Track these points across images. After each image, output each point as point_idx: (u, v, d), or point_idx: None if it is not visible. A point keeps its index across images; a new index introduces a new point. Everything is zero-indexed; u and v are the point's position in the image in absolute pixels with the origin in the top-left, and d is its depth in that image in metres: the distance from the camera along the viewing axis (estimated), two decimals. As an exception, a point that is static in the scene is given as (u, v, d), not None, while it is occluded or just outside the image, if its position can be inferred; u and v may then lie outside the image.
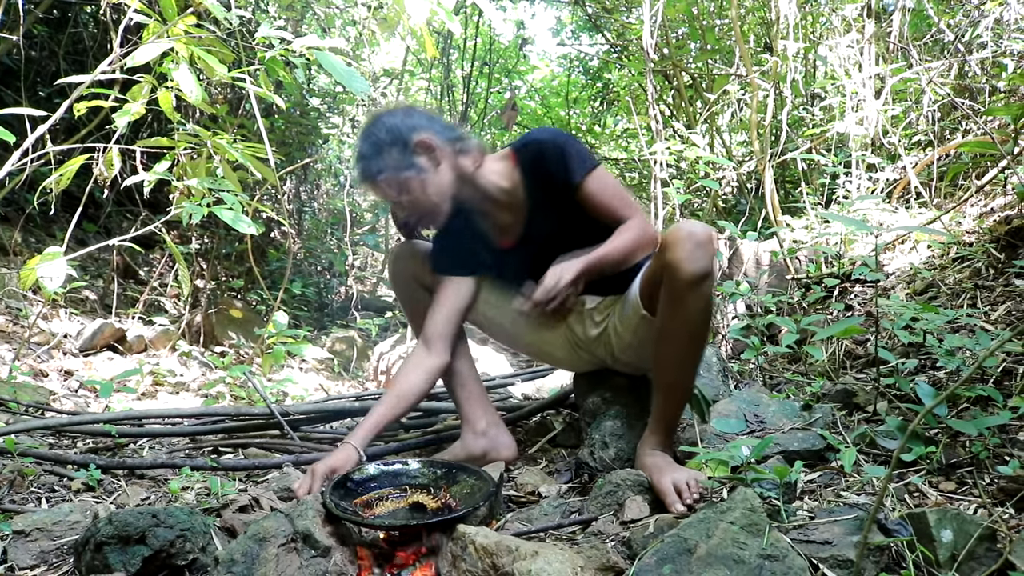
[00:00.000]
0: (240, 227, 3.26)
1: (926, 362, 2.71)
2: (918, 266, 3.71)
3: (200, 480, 2.44)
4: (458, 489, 1.96)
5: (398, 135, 2.22)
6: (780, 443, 2.06)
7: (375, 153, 2.22)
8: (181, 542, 1.66)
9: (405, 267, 2.57)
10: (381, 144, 2.22)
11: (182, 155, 3.95)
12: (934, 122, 4.86)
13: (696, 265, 1.90)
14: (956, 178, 4.50)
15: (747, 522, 1.55)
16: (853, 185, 4.74)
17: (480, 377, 2.59)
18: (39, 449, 2.59)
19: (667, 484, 1.90)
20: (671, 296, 1.98)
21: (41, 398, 3.59)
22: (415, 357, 2.39)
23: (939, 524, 1.48)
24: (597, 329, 2.38)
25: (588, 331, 2.40)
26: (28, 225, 6.22)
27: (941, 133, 4.82)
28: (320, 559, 1.59)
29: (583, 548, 1.73)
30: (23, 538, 1.87)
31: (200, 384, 4.72)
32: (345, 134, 9.02)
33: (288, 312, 5.71)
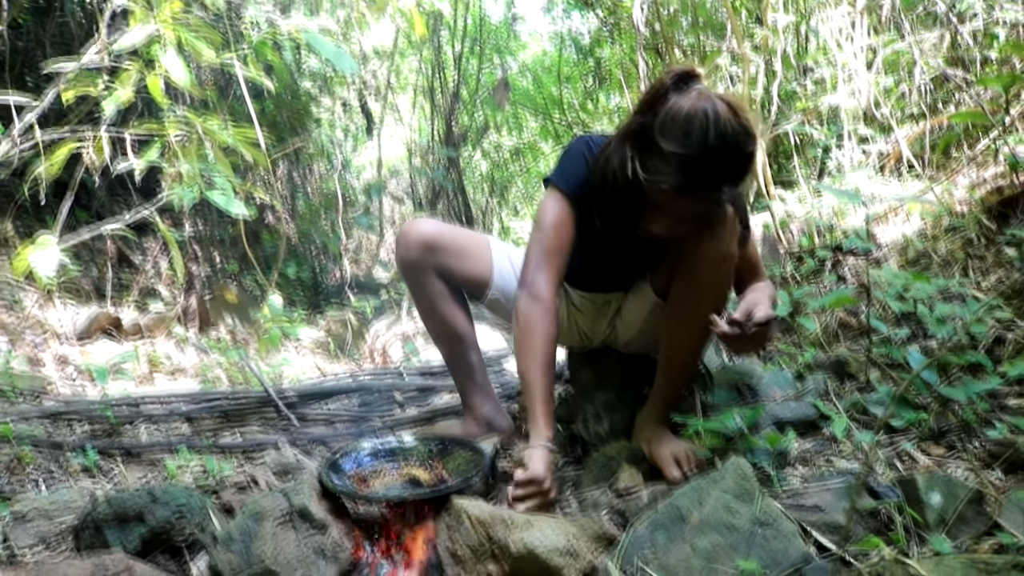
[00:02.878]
0: (232, 210, 3.26)
1: (918, 331, 2.71)
2: (910, 237, 3.71)
3: (197, 461, 2.45)
4: (452, 463, 1.98)
5: (755, 145, 1.80)
6: (773, 412, 2.07)
7: (738, 152, 1.75)
8: (179, 521, 1.68)
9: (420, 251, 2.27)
10: (745, 146, 1.75)
11: (172, 140, 3.94)
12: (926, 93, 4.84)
13: (719, 248, 1.90)
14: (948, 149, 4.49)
15: (739, 490, 1.57)
16: (845, 157, 4.74)
17: (485, 363, 2.57)
18: (36, 435, 2.60)
19: (666, 455, 1.92)
20: (690, 279, 1.97)
21: (37, 385, 3.59)
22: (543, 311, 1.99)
23: (928, 488, 1.49)
24: (604, 320, 2.39)
25: (594, 324, 2.40)
26: (19, 214, 6.19)
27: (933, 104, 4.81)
28: (317, 534, 1.60)
29: (577, 518, 1.74)
30: (22, 520, 1.88)
31: (196, 368, 4.72)
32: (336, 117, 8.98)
33: (283, 295, 5.71)
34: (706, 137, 1.68)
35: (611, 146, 1.91)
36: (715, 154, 1.70)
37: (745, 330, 1.79)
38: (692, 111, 1.70)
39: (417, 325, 5.44)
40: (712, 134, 1.67)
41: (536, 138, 12.04)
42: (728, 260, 1.92)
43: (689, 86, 1.76)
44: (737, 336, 1.80)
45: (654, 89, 1.80)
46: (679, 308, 2.03)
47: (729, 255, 1.91)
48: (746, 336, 1.81)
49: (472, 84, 10.11)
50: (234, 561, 1.52)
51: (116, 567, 1.27)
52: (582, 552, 1.49)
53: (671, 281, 2.06)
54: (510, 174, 12.63)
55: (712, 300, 1.96)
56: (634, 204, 1.89)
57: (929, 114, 4.59)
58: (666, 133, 1.73)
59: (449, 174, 9.45)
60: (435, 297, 2.32)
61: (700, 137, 1.68)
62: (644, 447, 2.01)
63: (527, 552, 1.41)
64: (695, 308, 1.96)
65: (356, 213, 8.51)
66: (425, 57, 9.77)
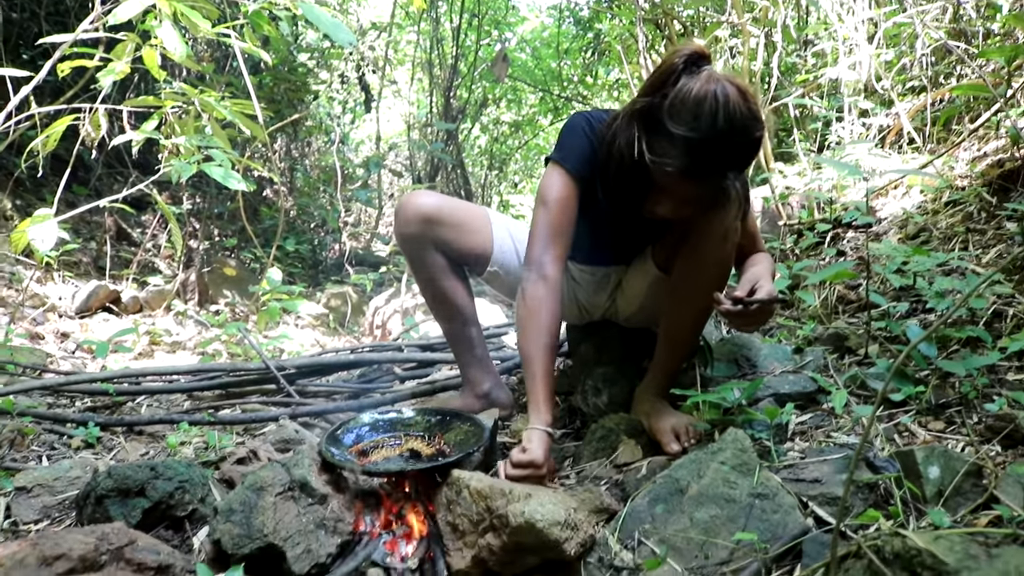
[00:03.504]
0: (230, 184, 3.24)
1: (917, 306, 2.71)
2: (910, 211, 3.70)
3: (198, 435, 2.46)
4: (452, 435, 1.98)
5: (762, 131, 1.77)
6: (771, 386, 2.07)
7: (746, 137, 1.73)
8: (180, 494, 1.69)
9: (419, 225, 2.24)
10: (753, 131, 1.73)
11: (170, 114, 3.92)
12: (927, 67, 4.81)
13: (722, 222, 1.89)
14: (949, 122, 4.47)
15: (738, 462, 1.57)
16: (846, 131, 4.72)
17: (484, 337, 2.57)
18: (38, 409, 2.61)
19: (665, 428, 1.92)
20: (694, 255, 1.97)
21: (38, 360, 3.61)
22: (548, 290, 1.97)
23: (926, 461, 1.50)
24: (604, 294, 2.39)
25: (594, 297, 2.40)
26: (17, 189, 6.18)
27: (935, 78, 4.78)
28: (317, 506, 1.61)
29: (577, 491, 1.75)
30: (25, 494, 1.90)
31: (196, 343, 4.73)
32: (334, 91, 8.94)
33: (282, 269, 5.71)
34: (715, 121, 1.66)
35: (618, 124, 1.90)
36: (723, 138, 1.68)
37: (747, 307, 1.80)
38: (702, 94, 1.68)
39: (416, 299, 5.44)
40: (721, 118, 1.66)
41: (535, 112, 11.99)
42: (731, 235, 1.92)
43: (700, 68, 1.74)
44: (739, 312, 1.81)
45: (664, 69, 1.77)
46: (682, 283, 2.03)
47: (733, 230, 1.91)
48: (748, 312, 1.82)
49: (471, 58, 10.06)
50: (235, 532, 1.53)
51: (119, 538, 1.28)
52: (581, 524, 1.49)
53: (673, 255, 2.05)
54: (509, 148, 12.59)
55: (715, 275, 1.96)
56: (639, 184, 1.88)
57: (930, 87, 4.56)
58: (675, 115, 1.71)
59: (448, 148, 9.42)
60: (435, 271, 2.30)
61: (709, 120, 1.67)
62: (643, 420, 2.02)
63: (526, 524, 1.42)
64: (698, 283, 1.96)
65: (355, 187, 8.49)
66: (423, 30, 9.71)
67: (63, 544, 1.19)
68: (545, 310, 1.95)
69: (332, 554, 1.57)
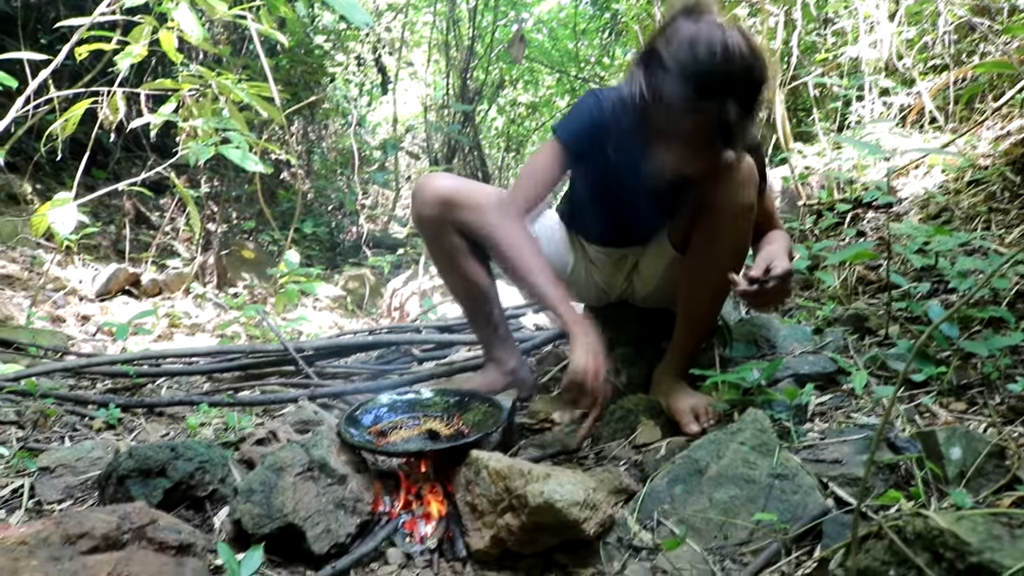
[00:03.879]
0: (248, 165, 3.25)
1: (939, 286, 2.69)
2: (932, 191, 3.66)
3: (218, 416, 2.48)
4: (471, 416, 1.98)
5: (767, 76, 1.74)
6: (791, 366, 2.06)
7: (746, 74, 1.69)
8: (200, 474, 1.70)
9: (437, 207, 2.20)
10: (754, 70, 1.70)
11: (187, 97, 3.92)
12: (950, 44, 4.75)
13: (738, 199, 1.87)
14: (972, 101, 4.41)
15: (757, 442, 1.57)
16: (866, 110, 4.67)
17: (506, 317, 2.56)
18: (60, 390, 2.63)
19: (684, 408, 1.92)
20: (709, 233, 1.95)
21: (59, 343, 3.64)
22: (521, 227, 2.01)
23: (948, 442, 1.48)
24: (621, 275, 2.38)
25: (612, 279, 2.39)
26: (37, 174, 6.22)
27: (957, 56, 4.71)
28: (336, 486, 1.61)
29: (596, 471, 1.75)
30: (48, 474, 1.92)
31: (215, 325, 4.76)
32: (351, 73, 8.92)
33: (300, 252, 5.73)
34: (712, 51, 1.63)
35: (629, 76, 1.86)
36: (721, 68, 1.65)
37: (764, 286, 1.78)
38: (701, 30, 1.67)
39: (434, 281, 5.44)
40: (719, 49, 1.63)
41: (552, 94, 11.93)
42: (747, 212, 1.90)
43: (701, 15, 1.72)
44: (756, 292, 1.79)
45: (667, 19, 1.77)
46: (698, 262, 2.02)
47: (748, 207, 1.89)
48: (766, 291, 1.79)
49: (487, 39, 10.01)
50: (255, 512, 1.54)
51: (140, 518, 1.29)
52: (600, 505, 1.49)
53: (689, 234, 2.04)
54: (526, 130, 12.54)
55: (731, 253, 1.95)
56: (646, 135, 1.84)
57: (953, 65, 4.50)
58: (672, 47, 1.68)
59: (465, 130, 9.40)
60: (454, 253, 2.27)
61: (707, 50, 1.64)
62: (662, 400, 2.01)
63: (545, 504, 1.42)
64: (714, 262, 1.94)
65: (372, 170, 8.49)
66: (439, 11, 9.66)
67: (86, 523, 1.20)
68: (527, 243, 1.99)
69: (351, 534, 1.58)
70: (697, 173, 1.85)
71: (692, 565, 1.36)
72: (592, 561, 1.49)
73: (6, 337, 3.39)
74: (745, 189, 1.88)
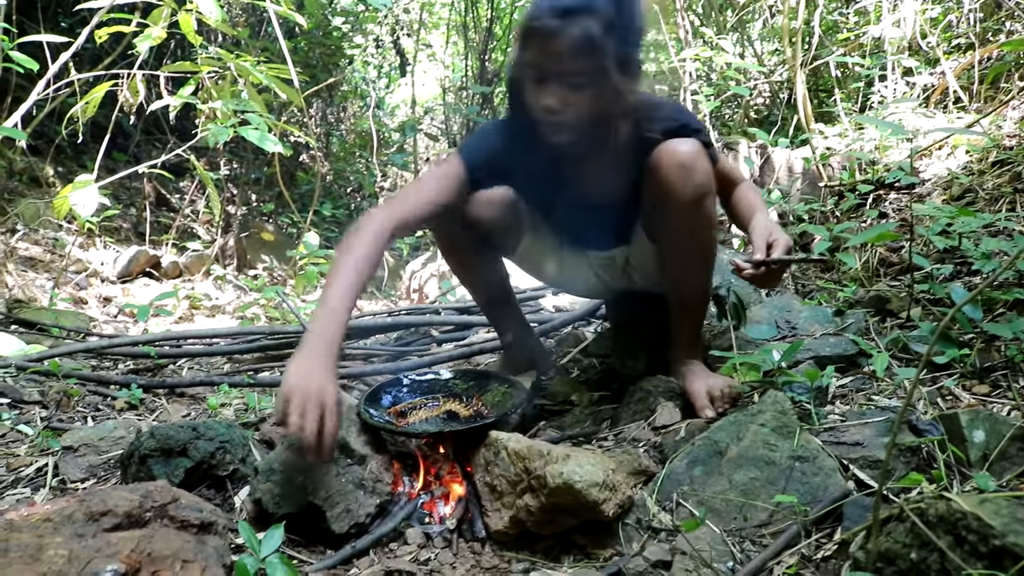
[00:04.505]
0: (266, 146, 3.25)
1: (962, 268, 2.66)
2: (955, 171, 3.62)
3: (238, 396, 2.49)
4: (490, 397, 1.98)
5: (638, 6, 1.72)
6: (811, 348, 2.05)
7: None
8: (221, 453, 1.71)
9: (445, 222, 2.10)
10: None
11: (206, 79, 3.93)
12: (975, 23, 4.68)
13: (687, 188, 1.80)
14: (997, 80, 4.35)
15: (777, 424, 1.56)
16: (889, 90, 4.62)
17: (519, 301, 2.54)
18: (83, 371, 2.66)
19: (699, 390, 1.90)
20: (672, 226, 1.90)
21: (82, 324, 3.67)
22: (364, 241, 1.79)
23: (971, 425, 1.47)
24: (618, 273, 2.34)
25: (612, 279, 2.35)
26: (59, 157, 6.26)
27: (983, 34, 4.64)
28: (356, 467, 1.62)
29: (615, 453, 1.75)
30: (72, 453, 1.94)
31: (235, 307, 4.79)
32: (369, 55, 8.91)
33: (319, 234, 5.74)
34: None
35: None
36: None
37: (769, 266, 1.73)
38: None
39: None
40: None
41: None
42: (707, 195, 1.83)
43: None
44: (765, 274, 1.74)
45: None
46: (669, 256, 1.98)
47: (706, 190, 1.82)
48: (772, 271, 1.75)
49: (505, 20, 9.95)
50: (275, 491, 1.55)
51: (162, 496, 1.30)
52: (619, 486, 1.49)
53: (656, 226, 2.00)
54: (545, 111, 12.45)
55: (699, 241, 1.90)
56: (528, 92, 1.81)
57: (978, 44, 4.44)
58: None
59: (483, 111, 9.37)
60: (465, 249, 2.24)
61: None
62: (679, 382, 2.00)
63: (565, 485, 1.42)
64: (683, 254, 1.92)
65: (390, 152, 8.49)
66: (458, -9, 9.60)
67: (109, 501, 1.21)
68: (354, 252, 1.76)
69: (371, 514, 1.58)
70: (589, 111, 1.78)
71: (711, 546, 1.36)
72: (611, 542, 1.49)
73: (29, 318, 3.43)
74: (693, 173, 1.79)
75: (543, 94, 1.76)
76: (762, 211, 1.93)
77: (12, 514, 1.15)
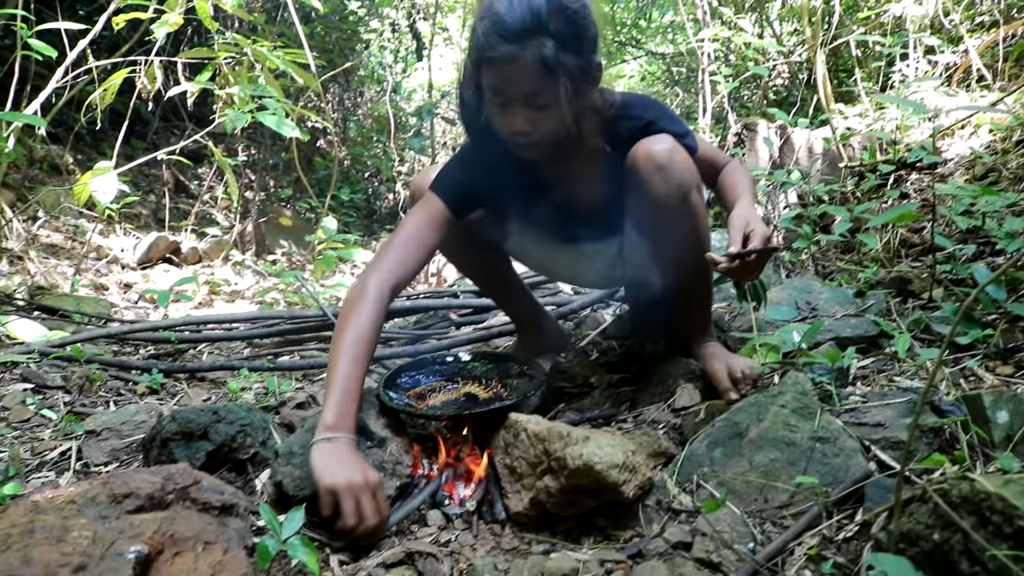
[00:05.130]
0: (284, 131, 3.26)
1: (985, 248, 2.64)
2: (978, 151, 3.58)
3: (258, 381, 2.51)
4: (509, 379, 1.99)
5: (588, 15, 1.67)
6: (832, 329, 2.04)
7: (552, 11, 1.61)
8: (242, 437, 1.72)
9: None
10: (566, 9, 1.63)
11: (223, 65, 3.94)
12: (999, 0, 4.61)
13: (669, 188, 1.76)
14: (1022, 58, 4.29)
15: (798, 405, 1.55)
16: (910, 69, 4.56)
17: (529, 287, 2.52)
18: (104, 356, 2.68)
19: (721, 371, 1.88)
20: (656, 222, 1.86)
21: (103, 310, 3.69)
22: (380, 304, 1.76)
23: (995, 405, 1.46)
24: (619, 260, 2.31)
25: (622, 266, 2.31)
26: (78, 144, 6.30)
27: (1007, 11, 4.57)
28: (376, 449, 1.63)
29: (635, 435, 1.75)
30: (95, 437, 1.96)
31: (254, 292, 4.81)
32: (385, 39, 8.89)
33: (337, 219, 5.75)
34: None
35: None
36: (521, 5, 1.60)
37: (746, 259, 1.65)
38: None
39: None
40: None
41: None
42: (690, 191, 1.80)
43: None
44: (740, 267, 1.66)
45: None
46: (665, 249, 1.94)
47: (688, 186, 1.79)
48: (748, 264, 1.67)
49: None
50: (296, 475, 1.55)
51: (184, 479, 1.31)
52: (639, 467, 1.49)
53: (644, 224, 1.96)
54: (561, 95, 12.39)
55: (692, 230, 1.86)
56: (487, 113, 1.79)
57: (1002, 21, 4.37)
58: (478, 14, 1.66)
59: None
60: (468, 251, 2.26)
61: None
62: (700, 363, 1.99)
63: (584, 466, 1.42)
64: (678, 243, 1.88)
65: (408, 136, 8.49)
66: (474, -25, 9.56)
67: (131, 483, 1.22)
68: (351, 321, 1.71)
69: (391, 496, 1.59)
70: (557, 126, 1.75)
71: (732, 527, 1.35)
72: (631, 524, 1.49)
73: (52, 304, 3.45)
74: (671, 172, 1.76)
75: (509, 118, 1.74)
76: (744, 196, 1.85)
77: (37, 496, 1.16)
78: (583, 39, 1.67)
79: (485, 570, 1.32)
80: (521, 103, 1.71)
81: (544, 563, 1.31)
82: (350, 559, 1.43)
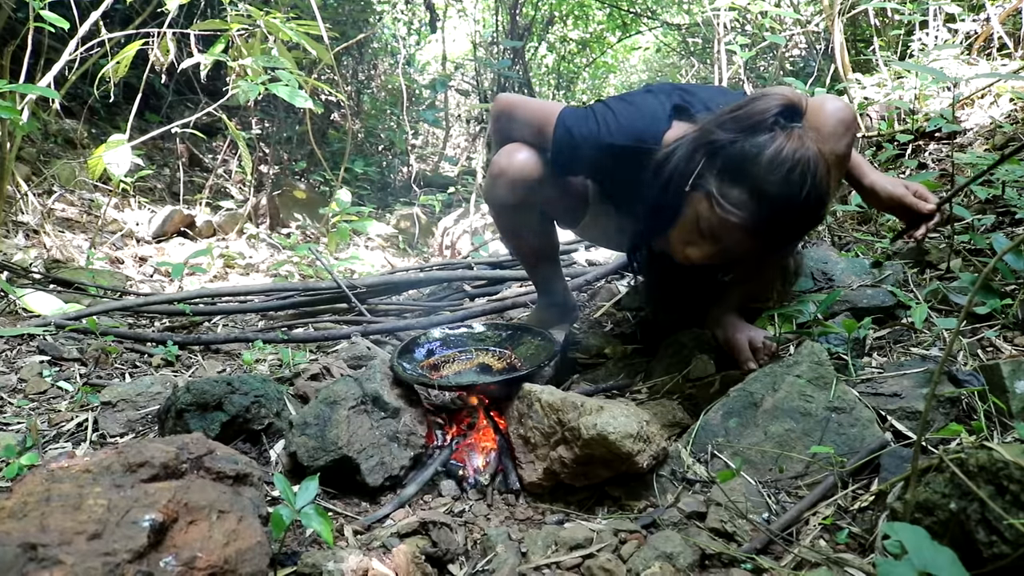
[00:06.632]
0: (297, 102, 3.24)
1: (1004, 218, 2.60)
2: (998, 120, 3.52)
3: (272, 352, 2.51)
4: (523, 350, 1.98)
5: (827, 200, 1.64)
6: (849, 299, 2.02)
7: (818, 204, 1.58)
8: (256, 408, 1.72)
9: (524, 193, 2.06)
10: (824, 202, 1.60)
11: (236, 37, 3.92)
12: (1021, -35, 4.52)
13: (839, 145, 1.73)
14: (1044, 26, 4.22)
15: (814, 375, 1.54)
16: (930, 38, 4.49)
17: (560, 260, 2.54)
18: (120, 329, 2.69)
19: (742, 341, 1.86)
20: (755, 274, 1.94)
21: (118, 283, 3.71)
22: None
23: (1013, 375, 1.44)
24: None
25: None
26: (92, 118, 6.30)
27: (1029, -23, 4.49)
28: (390, 420, 1.63)
29: (649, 405, 1.74)
30: (111, 408, 1.97)
31: (269, 264, 4.82)
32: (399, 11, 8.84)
33: (351, 191, 5.75)
34: (802, 189, 1.52)
35: (679, 149, 1.71)
36: (803, 207, 1.55)
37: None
38: (796, 157, 1.53)
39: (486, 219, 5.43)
40: (809, 186, 1.52)
41: (603, 29, 11.69)
42: (845, 160, 1.80)
43: (792, 123, 1.59)
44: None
45: (754, 112, 1.60)
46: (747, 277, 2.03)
47: (846, 154, 1.79)
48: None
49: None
50: (310, 445, 1.56)
51: (198, 448, 1.31)
52: (654, 437, 1.49)
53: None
54: (576, 67, 12.33)
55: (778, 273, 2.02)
56: (671, 215, 1.72)
57: (1025, -13, 4.29)
58: (760, 168, 1.55)
59: (514, 67, 9.27)
60: (529, 229, 2.24)
61: (797, 187, 1.52)
62: (718, 334, 1.97)
63: (599, 436, 1.41)
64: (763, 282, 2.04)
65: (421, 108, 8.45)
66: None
67: (146, 452, 1.22)
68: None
69: (405, 466, 1.60)
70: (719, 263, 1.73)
71: (747, 497, 1.35)
72: (645, 494, 1.49)
73: (67, 278, 3.47)
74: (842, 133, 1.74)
75: (694, 245, 1.69)
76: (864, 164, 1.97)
77: (53, 465, 1.17)
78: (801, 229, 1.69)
79: (499, 540, 1.33)
80: (716, 247, 1.66)
81: (558, 533, 1.31)
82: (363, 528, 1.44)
